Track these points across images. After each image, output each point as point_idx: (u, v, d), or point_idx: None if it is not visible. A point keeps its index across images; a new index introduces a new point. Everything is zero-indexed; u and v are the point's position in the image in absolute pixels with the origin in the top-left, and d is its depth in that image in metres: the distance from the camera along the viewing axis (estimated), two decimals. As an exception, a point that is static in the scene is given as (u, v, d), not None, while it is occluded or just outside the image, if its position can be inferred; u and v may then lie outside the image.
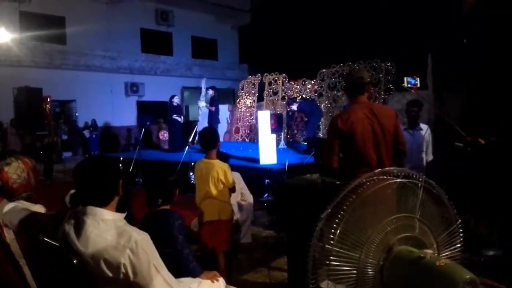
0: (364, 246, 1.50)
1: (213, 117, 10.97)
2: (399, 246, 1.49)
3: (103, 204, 1.66)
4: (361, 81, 3.00)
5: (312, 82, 11.38)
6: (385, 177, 1.59)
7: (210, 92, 11.15)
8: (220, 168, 3.61)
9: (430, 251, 1.48)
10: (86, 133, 15.43)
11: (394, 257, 1.50)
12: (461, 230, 1.64)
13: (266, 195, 6.67)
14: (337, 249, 1.49)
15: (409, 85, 4.44)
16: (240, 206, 4.82)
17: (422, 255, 1.43)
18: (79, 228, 1.61)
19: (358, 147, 2.90)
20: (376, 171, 1.58)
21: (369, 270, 1.49)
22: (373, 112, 2.97)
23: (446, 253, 1.61)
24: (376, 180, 1.57)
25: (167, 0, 18.03)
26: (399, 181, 1.56)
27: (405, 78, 4.43)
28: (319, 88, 11.09)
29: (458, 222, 1.62)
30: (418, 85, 4.50)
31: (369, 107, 3.00)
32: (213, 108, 10.99)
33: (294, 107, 9.60)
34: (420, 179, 1.58)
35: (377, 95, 9.62)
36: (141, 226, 1.69)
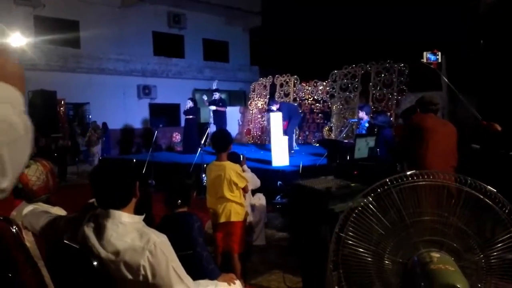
0: (383, 242, 1.49)
1: (222, 119, 10.93)
2: (425, 248, 1.48)
3: (121, 206, 1.67)
4: (435, 107, 3.83)
5: (324, 83, 11.33)
6: (417, 178, 1.56)
7: (216, 95, 11.15)
8: (232, 170, 3.62)
9: (437, 255, 1.46)
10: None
11: (415, 259, 1.50)
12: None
13: (279, 197, 6.65)
14: (356, 242, 1.47)
15: (428, 61, 4.36)
16: (252, 208, 4.81)
17: (429, 259, 1.44)
18: (98, 231, 1.62)
19: (426, 137, 3.62)
20: (408, 172, 1.54)
21: (387, 265, 1.49)
22: (441, 121, 3.95)
23: (500, 269, 1.56)
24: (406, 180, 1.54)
25: (179, 3, 18.13)
26: (466, 190, 1.52)
27: (424, 53, 4.30)
28: (331, 90, 11.04)
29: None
30: (439, 61, 4.39)
31: (438, 119, 3.94)
32: (223, 109, 10.98)
33: (274, 107, 9.43)
34: (489, 193, 1.53)
35: (390, 96, 9.55)
36: (160, 228, 1.70)
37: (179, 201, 2.52)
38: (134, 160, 8.83)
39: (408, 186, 1.47)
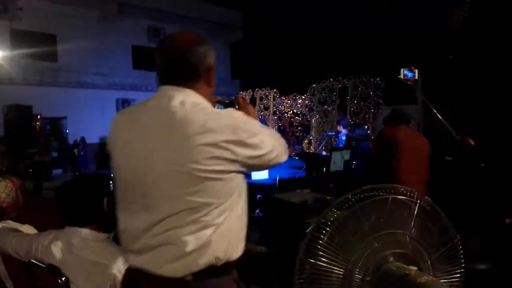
0: (350, 261, 1.51)
1: None
2: (388, 262, 1.50)
3: (87, 223, 1.65)
4: (404, 118, 3.88)
5: (303, 97, 11.48)
6: (376, 192, 1.61)
7: None
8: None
9: (414, 268, 1.49)
10: (76, 151, 15.35)
11: (382, 274, 1.51)
12: (460, 249, 1.67)
13: (258, 210, 6.64)
14: (322, 264, 1.49)
15: (405, 77, 4.42)
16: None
17: (407, 272, 1.45)
18: (65, 249, 1.60)
19: (398, 149, 3.68)
20: (364, 187, 1.60)
21: (356, 285, 1.50)
22: (413, 133, 3.96)
23: (442, 272, 1.63)
24: (367, 195, 1.59)
25: (159, 17, 18.16)
26: (392, 197, 1.58)
27: (401, 70, 4.35)
28: (310, 103, 11.19)
29: (457, 241, 1.66)
30: (416, 77, 4.44)
31: (411, 130, 3.96)
32: None
33: None
34: (415, 196, 1.60)
35: (367, 109, 9.73)
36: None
37: None
38: (112, 175, 8.69)
39: (370, 201, 1.51)
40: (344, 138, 7.33)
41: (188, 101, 1.26)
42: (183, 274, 1.21)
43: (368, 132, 8.90)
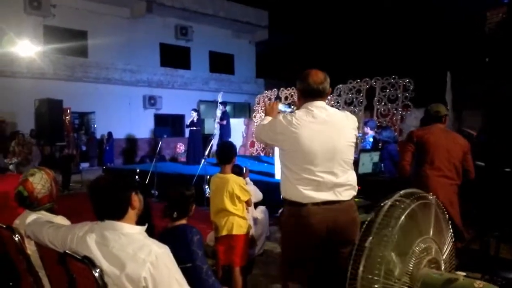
0: (397, 273, 1.45)
1: (224, 131, 11.11)
2: (424, 269, 1.45)
3: (119, 217, 1.67)
4: (438, 114, 3.67)
5: (329, 97, 11.35)
6: (403, 199, 1.56)
7: (221, 107, 11.41)
8: (235, 183, 3.60)
9: (462, 273, 1.42)
10: (103, 145, 15.69)
11: (422, 284, 1.46)
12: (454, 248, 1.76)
13: (281, 210, 6.60)
14: (375, 278, 1.44)
15: None
16: (255, 221, 4.78)
17: (454, 277, 1.39)
18: (100, 241, 1.62)
19: (429, 153, 3.52)
20: (402, 192, 1.54)
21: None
22: (447, 134, 3.64)
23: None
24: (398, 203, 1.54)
25: (187, 15, 18.36)
26: (417, 203, 1.52)
27: None
28: (336, 104, 11.05)
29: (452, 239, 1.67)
30: None
31: (444, 130, 3.68)
32: (224, 122, 11.17)
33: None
34: (432, 200, 1.56)
35: (395, 111, 9.54)
36: (160, 241, 1.69)
37: (176, 213, 2.50)
38: (138, 170, 8.86)
39: (412, 209, 1.46)
40: (371, 139, 7.21)
41: (330, 107, 2.43)
42: (349, 198, 2.35)
43: (395, 134, 8.71)
